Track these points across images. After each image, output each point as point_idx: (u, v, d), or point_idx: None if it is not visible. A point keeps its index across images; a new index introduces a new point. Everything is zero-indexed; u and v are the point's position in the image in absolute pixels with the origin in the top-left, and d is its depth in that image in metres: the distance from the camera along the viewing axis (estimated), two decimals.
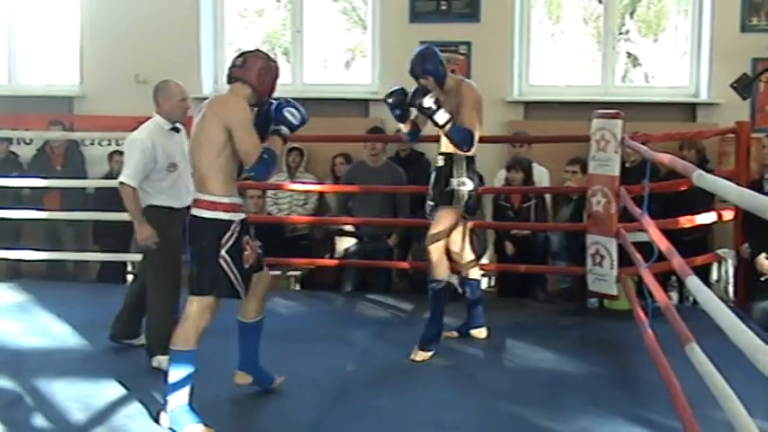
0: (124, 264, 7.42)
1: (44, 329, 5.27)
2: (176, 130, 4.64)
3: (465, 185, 4.72)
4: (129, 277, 7.54)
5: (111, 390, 4.17)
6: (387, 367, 4.58)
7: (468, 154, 4.73)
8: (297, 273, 6.77)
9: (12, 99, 8.05)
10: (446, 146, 4.76)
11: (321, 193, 7.23)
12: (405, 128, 4.99)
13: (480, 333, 5.10)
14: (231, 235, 3.60)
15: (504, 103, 7.39)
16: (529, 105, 7.49)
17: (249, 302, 3.90)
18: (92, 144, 7.76)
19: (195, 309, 3.63)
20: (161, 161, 4.51)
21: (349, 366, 4.56)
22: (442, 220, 4.75)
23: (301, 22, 7.90)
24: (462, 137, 4.61)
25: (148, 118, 4.66)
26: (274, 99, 3.80)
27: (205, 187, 3.62)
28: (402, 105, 4.78)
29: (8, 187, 6.80)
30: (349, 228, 6.76)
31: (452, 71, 7.08)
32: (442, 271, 4.74)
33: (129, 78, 7.69)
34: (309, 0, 7.97)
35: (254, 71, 3.70)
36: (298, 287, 6.76)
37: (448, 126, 4.56)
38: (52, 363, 4.58)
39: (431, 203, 4.87)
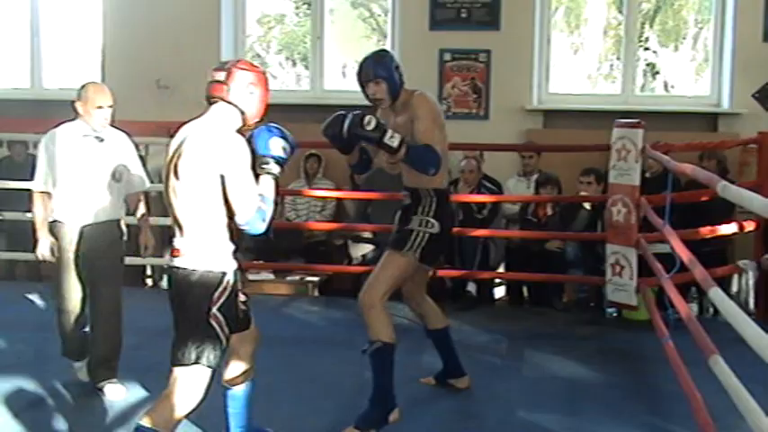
0: (143, 267, 7.44)
1: None
2: (99, 139, 4.19)
3: (429, 227, 3.81)
4: (149, 281, 7.58)
5: (132, 392, 4.19)
6: (403, 374, 4.56)
7: (437, 186, 3.86)
8: (315, 279, 6.77)
9: (35, 103, 8.10)
10: (408, 179, 3.94)
11: (339, 200, 7.24)
12: (351, 159, 3.98)
13: (461, 383, 4.34)
14: (224, 289, 2.93)
15: (524, 112, 7.38)
16: (548, 114, 7.47)
17: (235, 365, 3.30)
18: None
19: (188, 383, 2.95)
20: (62, 169, 4.12)
21: (366, 373, 4.54)
22: (388, 267, 3.81)
23: (322, 29, 7.92)
24: (423, 157, 3.74)
25: (170, 123, 4.59)
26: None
27: (191, 234, 2.94)
28: (342, 135, 3.74)
29: (28, 190, 6.82)
30: (367, 234, 6.75)
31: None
32: (382, 329, 3.74)
33: (151, 84, 7.74)
34: (329, 7, 8.00)
35: (243, 88, 2.98)
36: (316, 293, 6.77)
37: (402, 149, 3.66)
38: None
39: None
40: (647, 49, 8.31)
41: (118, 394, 4.21)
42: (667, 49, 8.64)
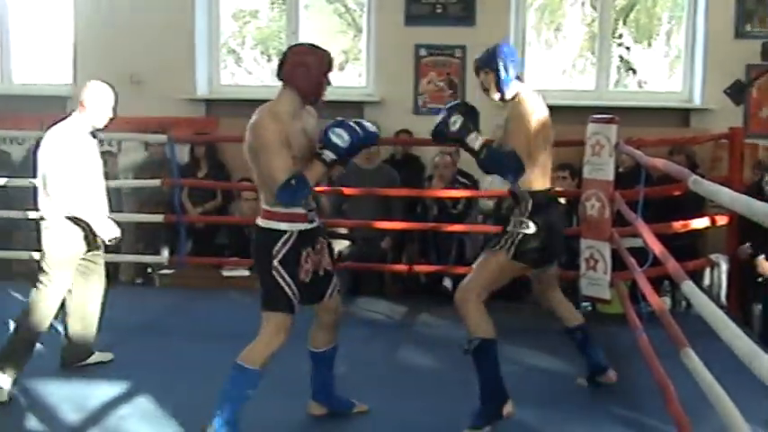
0: (116, 265, 7.38)
1: None
2: (94, 135, 4.42)
3: (523, 227, 3.77)
4: (122, 278, 7.52)
5: (104, 390, 4.16)
6: (379, 370, 4.58)
7: (534, 188, 3.81)
8: None
9: (5, 98, 8.01)
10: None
11: (314, 195, 7.21)
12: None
13: (605, 377, 4.22)
14: (284, 244, 3.37)
15: (499, 107, 7.38)
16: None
17: (317, 331, 3.75)
18: None
19: (268, 327, 3.43)
20: (78, 168, 4.25)
21: (341, 368, 4.54)
22: (480, 266, 3.85)
23: (297, 24, 7.90)
24: (501, 163, 3.77)
25: (143, 119, 4.62)
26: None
27: (263, 197, 3.44)
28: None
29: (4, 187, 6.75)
30: (342, 230, 6.75)
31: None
32: (479, 325, 3.73)
33: (124, 79, 7.66)
34: (304, 2, 7.98)
35: (293, 69, 3.38)
36: None
37: (483, 153, 3.72)
38: (45, 363, 4.55)
39: None
40: (620, 45, 8.36)
41: (108, 355, 4.59)
42: (641, 45, 8.71)
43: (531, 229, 3.74)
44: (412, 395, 4.22)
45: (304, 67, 3.37)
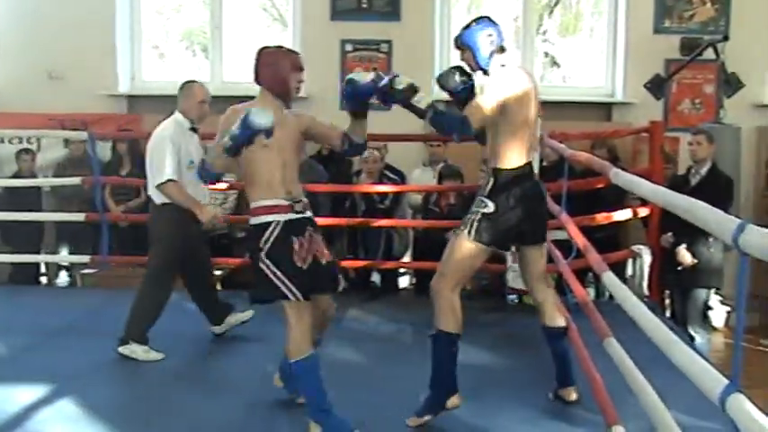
0: (37, 265, 7.21)
1: None
2: (194, 130, 4.75)
3: (483, 207, 3.68)
4: (43, 279, 7.34)
5: (24, 394, 4.05)
6: None
7: (499, 166, 3.70)
8: (217, 272, 6.66)
9: None
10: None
11: (240, 192, 7.15)
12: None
13: (567, 393, 3.94)
14: (270, 235, 3.48)
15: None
16: (451, 103, 7.53)
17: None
18: (1, 142, 7.52)
19: (290, 318, 3.51)
20: (183, 158, 4.63)
21: (269, 367, 4.51)
22: (448, 252, 3.73)
23: (220, 19, 7.80)
24: (448, 123, 3.63)
25: (63, 114, 4.57)
26: None
27: (248, 194, 3.62)
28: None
29: None
30: None
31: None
32: (443, 318, 3.65)
33: (42, 74, 7.50)
34: None
35: (261, 71, 3.62)
36: (219, 286, 6.66)
37: (429, 113, 3.58)
38: None
39: None
40: (545, 40, 8.48)
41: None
42: (565, 39, 8.84)
43: (490, 207, 3.64)
44: (340, 389, 4.19)
45: (271, 68, 3.58)
